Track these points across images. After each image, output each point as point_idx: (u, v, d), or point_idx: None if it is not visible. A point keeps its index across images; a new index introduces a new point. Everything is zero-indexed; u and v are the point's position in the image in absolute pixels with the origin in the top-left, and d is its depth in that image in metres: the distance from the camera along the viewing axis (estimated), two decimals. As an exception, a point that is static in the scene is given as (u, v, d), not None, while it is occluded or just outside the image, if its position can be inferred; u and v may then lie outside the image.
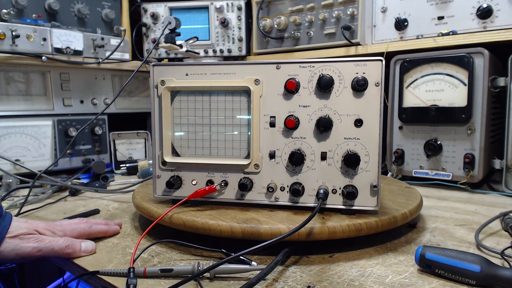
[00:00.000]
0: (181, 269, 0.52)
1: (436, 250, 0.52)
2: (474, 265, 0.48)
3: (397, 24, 1.15)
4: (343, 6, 1.22)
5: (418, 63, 1.07)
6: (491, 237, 0.68)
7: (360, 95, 0.61)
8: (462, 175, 1.03)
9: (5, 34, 1.09)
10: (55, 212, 0.85)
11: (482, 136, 1.00)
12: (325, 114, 0.63)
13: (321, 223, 0.58)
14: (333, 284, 0.50)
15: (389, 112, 1.14)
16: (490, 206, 0.89)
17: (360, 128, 0.62)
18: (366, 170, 0.62)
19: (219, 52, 1.47)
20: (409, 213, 0.66)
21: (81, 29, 1.30)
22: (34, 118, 1.21)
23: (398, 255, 0.59)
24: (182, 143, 0.69)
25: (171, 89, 0.67)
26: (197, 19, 1.46)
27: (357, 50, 1.21)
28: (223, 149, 0.67)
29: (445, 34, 1.07)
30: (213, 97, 0.67)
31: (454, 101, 1.02)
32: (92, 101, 1.37)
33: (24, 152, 1.18)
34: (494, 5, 1.01)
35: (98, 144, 1.36)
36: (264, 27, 1.38)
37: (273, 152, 0.65)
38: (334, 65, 0.62)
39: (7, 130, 1.15)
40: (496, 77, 1.00)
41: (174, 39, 1.23)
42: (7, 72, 1.17)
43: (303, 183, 0.64)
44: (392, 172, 1.15)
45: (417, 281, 0.50)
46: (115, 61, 1.36)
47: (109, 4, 1.38)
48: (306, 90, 0.63)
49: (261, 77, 0.64)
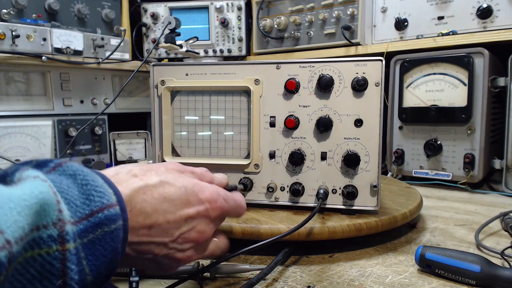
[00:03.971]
0: (181, 268, 0.52)
1: (436, 250, 0.52)
2: (474, 265, 0.48)
3: (397, 24, 1.15)
4: (343, 6, 1.22)
5: (418, 63, 1.07)
6: (491, 237, 0.68)
7: (360, 95, 0.61)
8: (462, 175, 1.03)
9: (5, 34, 1.09)
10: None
11: (482, 136, 1.00)
12: (325, 114, 0.63)
13: (321, 223, 0.58)
14: (333, 284, 0.50)
15: (389, 112, 1.14)
16: (490, 206, 0.89)
17: (360, 128, 0.62)
18: (366, 170, 0.62)
19: (219, 52, 1.47)
20: (409, 213, 0.66)
21: (81, 29, 1.30)
22: (34, 118, 1.21)
23: (398, 255, 0.59)
24: (182, 143, 0.69)
25: (171, 89, 0.67)
26: (197, 19, 1.46)
27: (357, 50, 1.21)
28: (223, 149, 0.67)
29: (445, 34, 1.07)
30: (213, 97, 0.67)
31: (454, 101, 1.02)
32: (92, 101, 1.36)
33: (24, 152, 1.18)
34: (494, 5, 1.01)
35: (98, 144, 1.36)
36: (264, 27, 1.38)
37: (273, 152, 0.65)
38: (334, 65, 0.62)
39: (7, 130, 1.15)
40: (496, 77, 1.00)
41: (174, 39, 1.23)
42: (7, 72, 1.17)
43: (303, 183, 0.64)
44: (392, 172, 1.15)
45: (417, 281, 0.50)
46: (115, 61, 1.36)
47: (109, 4, 1.38)
48: (306, 90, 0.63)
49: (261, 77, 0.65)
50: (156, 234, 0.36)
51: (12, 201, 0.23)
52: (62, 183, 0.29)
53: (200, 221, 0.40)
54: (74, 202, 0.28)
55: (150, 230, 0.36)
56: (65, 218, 0.26)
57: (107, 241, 0.29)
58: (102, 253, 0.29)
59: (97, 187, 0.30)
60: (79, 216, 0.28)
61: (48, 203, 0.25)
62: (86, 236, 0.28)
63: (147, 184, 0.37)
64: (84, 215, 0.28)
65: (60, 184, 0.28)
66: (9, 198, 0.23)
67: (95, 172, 0.33)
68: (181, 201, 0.38)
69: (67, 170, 0.31)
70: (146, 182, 0.37)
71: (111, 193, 0.31)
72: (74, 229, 0.27)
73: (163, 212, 0.37)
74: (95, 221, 0.29)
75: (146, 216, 0.35)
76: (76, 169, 0.31)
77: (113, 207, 0.31)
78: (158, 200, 0.36)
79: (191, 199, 0.39)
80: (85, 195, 0.29)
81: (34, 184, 0.26)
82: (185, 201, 0.39)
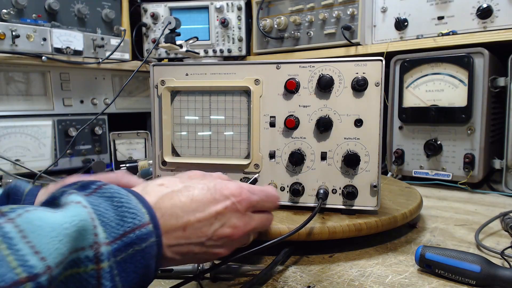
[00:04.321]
0: (181, 269, 0.52)
1: (436, 250, 0.52)
2: (474, 265, 0.48)
3: (397, 24, 1.15)
4: (343, 6, 1.22)
5: (418, 63, 1.07)
6: (491, 237, 0.68)
7: (360, 95, 0.61)
8: (462, 175, 1.03)
9: (5, 34, 1.09)
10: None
11: (482, 136, 1.00)
12: (325, 114, 0.63)
13: (321, 223, 0.58)
14: (333, 284, 0.50)
15: (389, 112, 1.14)
16: (490, 206, 0.89)
17: (360, 128, 0.62)
18: (366, 170, 0.62)
19: (219, 52, 1.47)
20: (409, 213, 0.66)
21: (81, 29, 1.30)
22: (34, 118, 1.21)
23: (398, 255, 0.59)
24: (182, 143, 0.69)
25: (171, 89, 0.67)
26: (197, 19, 1.46)
27: (357, 50, 1.21)
28: (223, 149, 0.67)
29: (445, 34, 1.07)
30: (213, 97, 0.67)
31: (454, 101, 1.02)
32: (92, 101, 1.36)
33: (24, 152, 1.18)
34: (494, 5, 1.01)
35: (98, 144, 1.36)
36: (264, 27, 1.38)
37: (273, 152, 0.65)
38: (334, 65, 0.62)
39: (7, 130, 1.15)
40: (496, 77, 1.00)
41: (174, 39, 1.23)
42: (7, 72, 1.17)
43: (303, 183, 0.64)
44: (392, 172, 1.15)
45: (417, 281, 0.50)
46: (115, 61, 1.36)
47: (109, 4, 1.38)
48: (306, 90, 0.63)
49: (261, 77, 0.64)
50: (191, 234, 0.39)
51: (55, 229, 0.28)
52: (100, 206, 0.33)
53: (231, 216, 0.42)
54: (110, 224, 0.32)
55: (185, 231, 0.39)
56: (100, 240, 0.30)
57: (137, 259, 0.33)
58: (133, 269, 0.33)
59: (130, 209, 0.34)
60: (114, 237, 0.32)
61: (86, 229, 0.30)
62: (119, 255, 0.32)
63: (173, 190, 0.40)
64: (118, 235, 0.32)
65: (98, 207, 0.32)
66: (52, 227, 0.28)
67: (130, 192, 0.36)
68: (208, 200, 0.41)
69: (106, 192, 0.35)
70: (172, 188, 0.41)
71: (144, 212, 0.35)
72: (109, 249, 0.31)
73: (193, 211, 0.39)
74: (127, 240, 0.32)
75: (178, 218, 0.38)
76: (114, 191, 0.35)
77: (145, 226, 0.34)
78: (186, 202, 0.40)
79: (216, 197, 0.42)
80: (120, 216, 0.33)
81: (76, 212, 0.30)
82: (211, 199, 0.41)
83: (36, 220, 0.27)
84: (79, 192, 0.33)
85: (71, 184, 0.36)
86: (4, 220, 0.27)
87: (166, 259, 0.38)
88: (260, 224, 0.47)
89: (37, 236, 0.27)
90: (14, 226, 0.27)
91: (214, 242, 0.41)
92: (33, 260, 0.26)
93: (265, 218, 0.48)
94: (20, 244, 0.26)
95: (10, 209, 0.28)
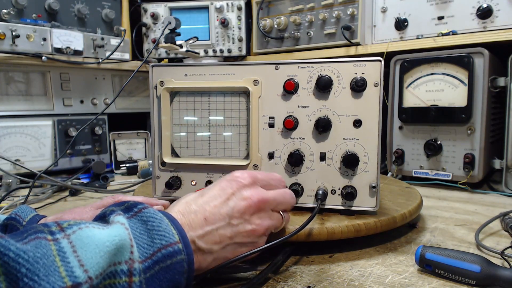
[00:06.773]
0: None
1: (436, 250, 0.52)
2: (474, 265, 0.48)
3: (397, 24, 1.15)
4: (343, 6, 1.22)
5: (418, 63, 1.07)
6: (491, 237, 0.68)
7: (359, 95, 0.61)
8: (462, 175, 1.03)
9: (5, 34, 1.09)
10: (55, 212, 0.85)
11: (482, 136, 1.00)
12: (324, 115, 0.62)
13: (320, 223, 0.58)
14: (333, 284, 0.49)
15: (389, 112, 1.14)
16: (490, 206, 0.89)
17: (359, 129, 0.62)
18: (365, 170, 0.62)
19: (219, 52, 1.47)
20: (409, 213, 0.66)
21: (81, 29, 1.30)
22: (34, 118, 1.21)
23: (398, 255, 0.59)
24: (181, 143, 0.69)
25: (170, 90, 0.67)
26: (197, 19, 1.46)
27: (357, 50, 1.21)
28: (222, 150, 0.67)
29: (445, 34, 1.07)
30: (212, 97, 0.67)
31: (454, 101, 1.02)
32: (92, 101, 1.37)
33: (24, 152, 1.18)
34: (494, 5, 1.01)
35: (98, 144, 1.37)
36: (264, 27, 1.38)
37: (272, 153, 0.65)
38: (332, 65, 0.62)
39: (7, 130, 1.15)
40: (496, 77, 1.00)
41: (174, 39, 1.23)
42: (7, 72, 1.17)
43: (302, 184, 0.64)
44: (392, 172, 1.15)
45: (417, 281, 0.50)
46: (115, 61, 1.36)
47: (109, 4, 1.38)
48: (305, 91, 0.63)
49: (260, 77, 0.64)
50: (214, 219, 0.45)
51: (98, 246, 0.33)
52: (137, 229, 0.39)
53: (241, 190, 0.48)
54: (142, 245, 0.38)
55: (206, 220, 0.45)
56: (135, 258, 0.36)
57: (163, 274, 0.38)
58: (158, 284, 0.38)
59: (159, 231, 0.39)
60: (145, 256, 0.37)
61: (124, 247, 0.35)
62: (149, 271, 0.37)
63: (189, 199, 0.48)
64: (148, 255, 0.37)
65: (135, 230, 0.38)
66: (97, 244, 0.33)
67: (164, 214, 0.42)
68: (217, 190, 0.48)
69: (143, 216, 0.40)
70: (188, 199, 0.48)
71: (174, 233, 0.40)
72: (141, 267, 0.36)
73: (208, 204, 0.46)
74: (155, 259, 0.38)
75: (196, 213, 0.45)
76: (150, 215, 0.40)
77: (172, 245, 0.39)
78: (202, 203, 0.47)
79: (222, 185, 0.49)
80: (151, 238, 0.39)
81: (118, 232, 0.36)
82: (219, 188, 0.48)
83: (85, 237, 0.34)
84: (124, 214, 0.40)
85: (120, 203, 0.43)
86: (62, 236, 0.33)
87: (204, 252, 0.44)
88: (277, 221, 0.52)
89: (84, 251, 0.33)
90: (68, 242, 0.33)
91: (239, 219, 0.46)
92: (78, 272, 0.31)
93: (281, 218, 0.53)
94: (71, 258, 0.32)
95: (68, 225, 0.35)
